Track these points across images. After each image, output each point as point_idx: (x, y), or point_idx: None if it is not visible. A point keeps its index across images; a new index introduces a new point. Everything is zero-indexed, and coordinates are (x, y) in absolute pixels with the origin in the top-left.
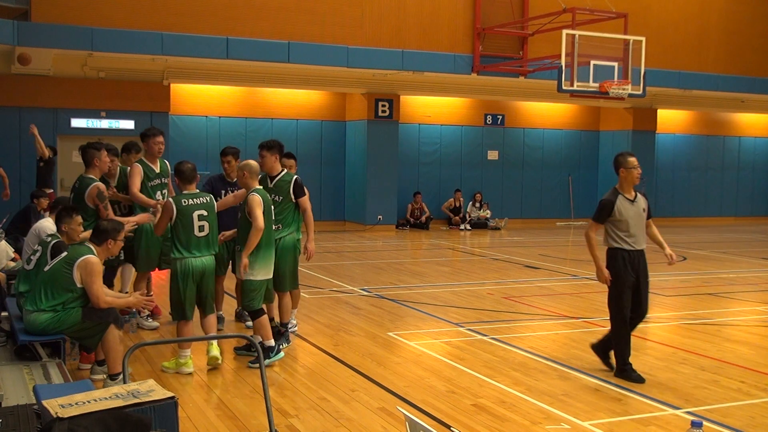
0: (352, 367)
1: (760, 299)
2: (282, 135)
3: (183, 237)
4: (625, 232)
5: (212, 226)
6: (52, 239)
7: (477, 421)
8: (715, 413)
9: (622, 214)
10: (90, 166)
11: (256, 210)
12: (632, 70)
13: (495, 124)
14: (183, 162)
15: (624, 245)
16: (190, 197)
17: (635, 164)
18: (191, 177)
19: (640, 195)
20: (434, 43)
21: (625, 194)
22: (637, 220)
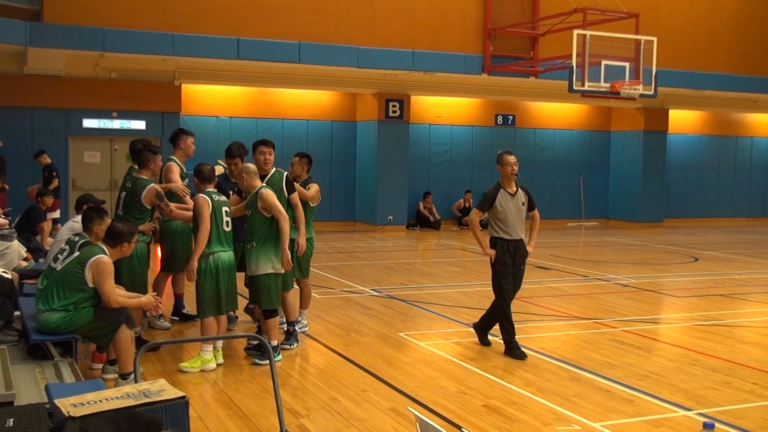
0: (362, 367)
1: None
2: (292, 135)
3: (214, 232)
4: (503, 223)
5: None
6: (80, 239)
7: (487, 422)
8: (727, 415)
9: (502, 206)
10: (144, 168)
11: (276, 202)
12: (643, 70)
13: (506, 125)
14: (202, 163)
15: (503, 234)
16: (215, 194)
17: (509, 161)
18: (210, 177)
19: (521, 189)
20: (445, 43)
21: (506, 188)
22: (515, 213)
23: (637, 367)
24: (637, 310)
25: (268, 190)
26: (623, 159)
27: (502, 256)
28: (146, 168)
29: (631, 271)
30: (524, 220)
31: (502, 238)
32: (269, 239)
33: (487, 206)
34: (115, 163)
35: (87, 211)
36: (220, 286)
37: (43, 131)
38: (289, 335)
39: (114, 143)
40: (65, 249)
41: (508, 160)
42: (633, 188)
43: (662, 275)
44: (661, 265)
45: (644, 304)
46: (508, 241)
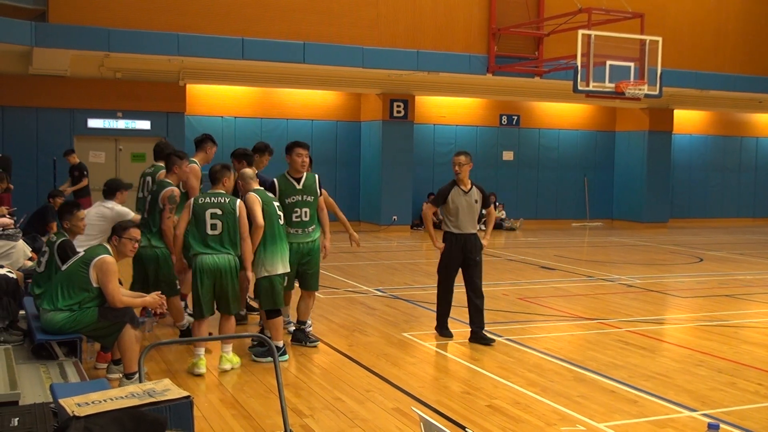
0: (366, 367)
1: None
2: (297, 135)
3: (196, 234)
4: (453, 218)
5: (228, 225)
6: (58, 238)
7: (491, 422)
8: (732, 416)
9: (454, 202)
10: (170, 172)
11: (255, 207)
12: (648, 71)
13: (510, 125)
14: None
15: (453, 229)
16: (207, 196)
17: (455, 161)
18: (214, 178)
19: (476, 188)
20: (449, 43)
21: (460, 186)
22: (467, 210)
23: (641, 367)
24: (641, 310)
25: (252, 195)
26: (628, 159)
27: (450, 249)
28: (172, 172)
29: (636, 271)
30: (476, 217)
31: (452, 233)
32: (260, 244)
33: (440, 202)
34: (119, 163)
35: (62, 207)
36: (201, 289)
37: (48, 131)
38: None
39: (119, 143)
40: (45, 251)
41: (455, 160)
42: (638, 188)
43: (667, 276)
44: (665, 265)
45: (649, 304)
46: (457, 235)
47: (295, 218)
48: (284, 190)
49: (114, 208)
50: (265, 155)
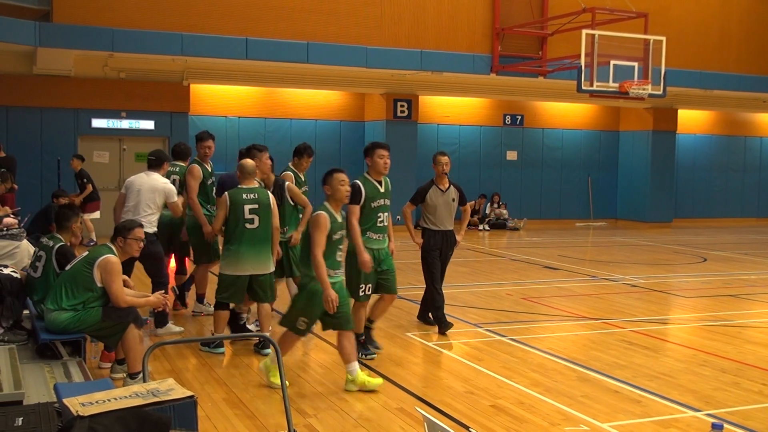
0: (370, 367)
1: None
2: (301, 135)
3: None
4: (432, 216)
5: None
6: (55, 243)
7: (495, 422)
8: (736, 416)
9: (432, 200)
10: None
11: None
12: (652, 70)
13: (514, 125)
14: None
15: (431, 226)
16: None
17: (440, 161)
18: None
19: (454, 187)
20: (453, 43)
21: (438, 185)
22: (444, 208)
23: (645, 367)
24: (645, 310)
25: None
26: (632, 159)
27: (428, 244)
28: None
29: (640, 271)
30: (453, 214)
31: (430, 229)
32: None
33: (418, 200)
34: (123, 163)
35: (60, 210)
36: None
37: (52, 131)
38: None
39: (123, 143)
40: (41, 255)
41: (439, 160)
42: (641, 188)
43: (671, 275)
44: (669, 265)
45: (653, 304)
46: (435, 231)
47: (379, 223)
48: (369, 194)
49: (166, 186)
50: (303, 157)
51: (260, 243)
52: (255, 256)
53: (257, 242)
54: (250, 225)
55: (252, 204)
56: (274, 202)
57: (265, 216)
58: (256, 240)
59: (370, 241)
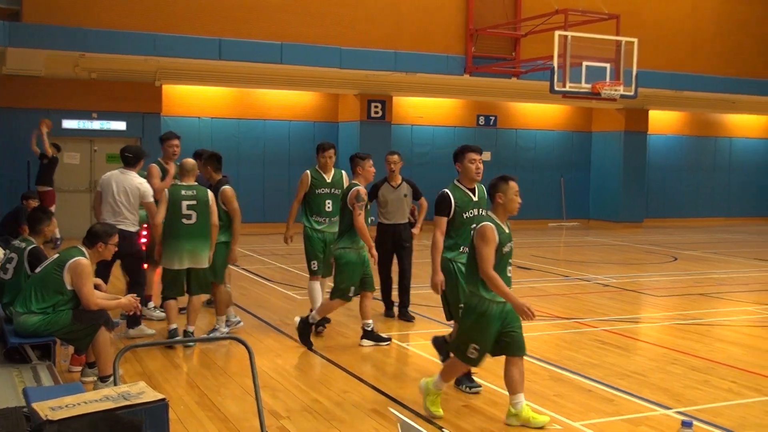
0: (344, 368)
1: (751, 299)
2: (274, 136)
3: None
4: (384, 210)
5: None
6: (27, 245)
7: (468, 422)
8: (706, 413)
9: (384, 197)
10: (354, 174)
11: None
12: (624, 71)
13: (487, 125)
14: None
15: (383, 220)
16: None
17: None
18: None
19: (407, 183)
20: (427, 44)
21: (390, 182)
22: (395, 203)
23: (617, 366)
24: (617, 309)
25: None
26: (604, 159)
27: (380, 238)
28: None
29: (612, 271)
30: (406, 209)
31: (383, 223)
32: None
33: (372, 197)
34: (94, 164)
35: (33, 213)
36: None
37: (22, 132)
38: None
39: (94, 144)
40: (12, 258)
41: (388, 159)
42: (613, 188)
43: (642, 275)
44: (641, 264)
45: (625, 303)
46: (387, 225)
47: None
48: (460, 203)
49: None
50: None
51: (197, 238)
52: (192, 250)
53: (194, 237)
54: (188, 221)
55: (190, 201)
56: (213, 200)
57: (202, 212)
58: (193, 235)
59: (464, 257)
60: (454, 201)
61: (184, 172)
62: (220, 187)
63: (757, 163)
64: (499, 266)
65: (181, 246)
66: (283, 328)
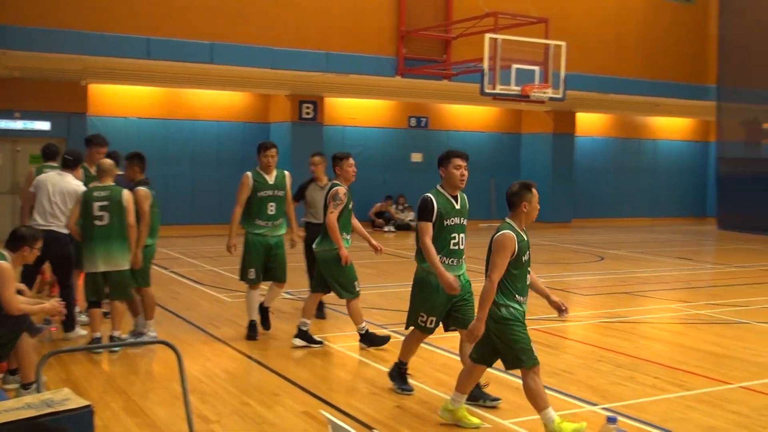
0: (275, 371)
1: (674, 297)
2: (204, 137)
3: None
4: (312, 210)
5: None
6: None
7: (400, 422)
8: (631, 409)
9: (310, 195)
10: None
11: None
12: (552, 74)
13: (419, 127)
14: None
15: (311, 219)
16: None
17: (312, 162)
18: None
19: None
20: (359, 45)
21: (317, 183)
22: (321, 203)
23: (546, 364)
24: (546, 308)
25: None
26: (533, 161)
27: (309, 236)
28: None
29: (540, 270)
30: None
31: (311, 222)
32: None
33: (299, 197)
34: (17, 165)
35: None
36: None
37: None
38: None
39: (17, 144)
40: None
41: (311, 160)
42: (542, 190)
43: (570, 274)
44: (568, 264)
45: None
46: (315, 224)
47: (453, 245)
48: (443, 210)
49: (79, 188)
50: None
51: (110, 240)
52: (106, 252)
53: (107, 239)
54: (99, 222)
55: (102, 201)
56: (129, 200)
57: (115, 213)
58: (105, 236)
59: (451, 268)
60: (437, 207)
61: (102, 173)
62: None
63: (680, 165)
64: (520, 275)
65: (95, 248)
66: (213, 332)
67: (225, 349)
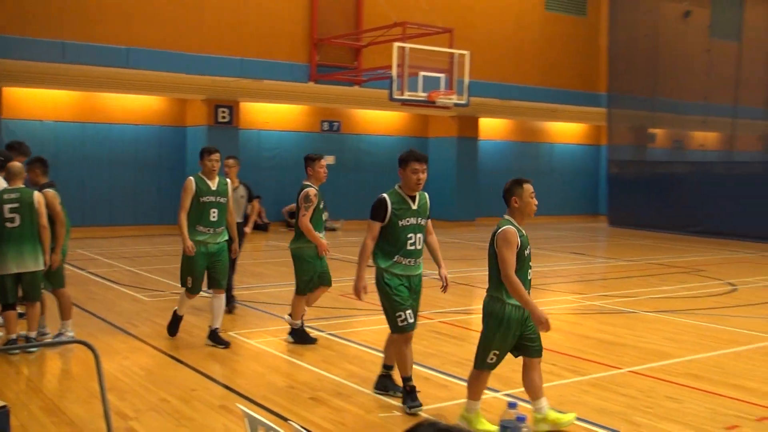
0: (192, 367)
1: (570, 290)
2: (120, 140)
3: None
4: None
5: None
6: None
7: (315, 413)
8: None
9: (234, 199)
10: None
11: None
12: (457, 82)
13: (331, 131)
14: None
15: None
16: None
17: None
18: None
19: (243, 185)
20: (273, 52)
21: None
22: (234, 204)
23: (452, 355)
24: (452, 302)
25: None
26: (439, 163)
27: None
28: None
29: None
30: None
31: None
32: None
33: None
34: None
35: None
36: None
37: None
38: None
39: None
40: None
41: (226, 163)
42: (448, 190)
43: (474, 270)
44: (473, 260)
45: (458, 296)
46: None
47: (410, 246)
48: (398, 210)
49: None
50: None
51: (22, 241)
52: (18, 254)
53: (19, 240)
54: (11, 224)
55: (13, 203)
56: (40, 202)
57: (26, 215)
58: (17, 238)
59: (399, 267)
60: (391, 207)
61: (12, 175)
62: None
63: (574, 167)
64: (522, 269)
65: (7, 250)
66: (131, 330)
67: (143, 347)
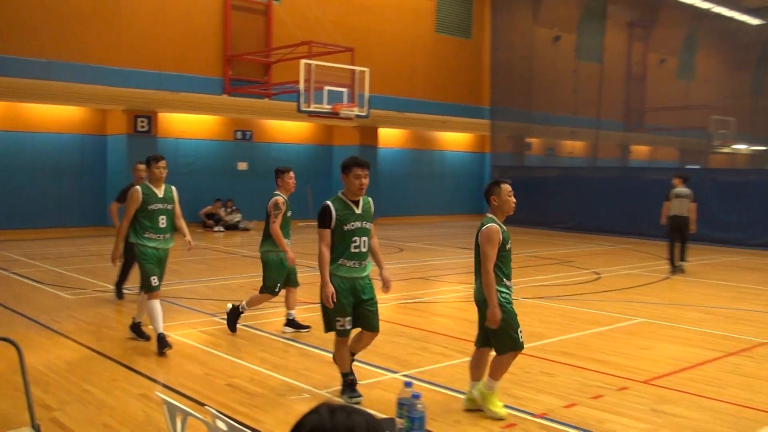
0: (113, 359)
1: (459, 280)
2: (42, 149)
3: None
4: None
5: None
6: None
7: (230, 398)
8: (425, 374)
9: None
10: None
11: None
12: (358, 95)
13: (244, 140)
14: None
15: None
16: None
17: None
18: None
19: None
20: (189, 66)
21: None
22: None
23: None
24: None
25: None
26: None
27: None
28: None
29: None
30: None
31: None
32: None
33: (122, 198)
34: None
35: None
36: None
37: None
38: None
39: None
40: None
41: (136, 167)
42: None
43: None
44: None
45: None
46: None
47: (354, 249)
48: (342, 215)
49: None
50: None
51: None
52: None
53: None
54: None
55: None
56: None
57: None
58: None
59: (343, 269)
60: (335, 213)
61: None
62: None
63: (462, 171)
64: (506, 262)
65: None
66: (54, 326)
67: (65, 341)
